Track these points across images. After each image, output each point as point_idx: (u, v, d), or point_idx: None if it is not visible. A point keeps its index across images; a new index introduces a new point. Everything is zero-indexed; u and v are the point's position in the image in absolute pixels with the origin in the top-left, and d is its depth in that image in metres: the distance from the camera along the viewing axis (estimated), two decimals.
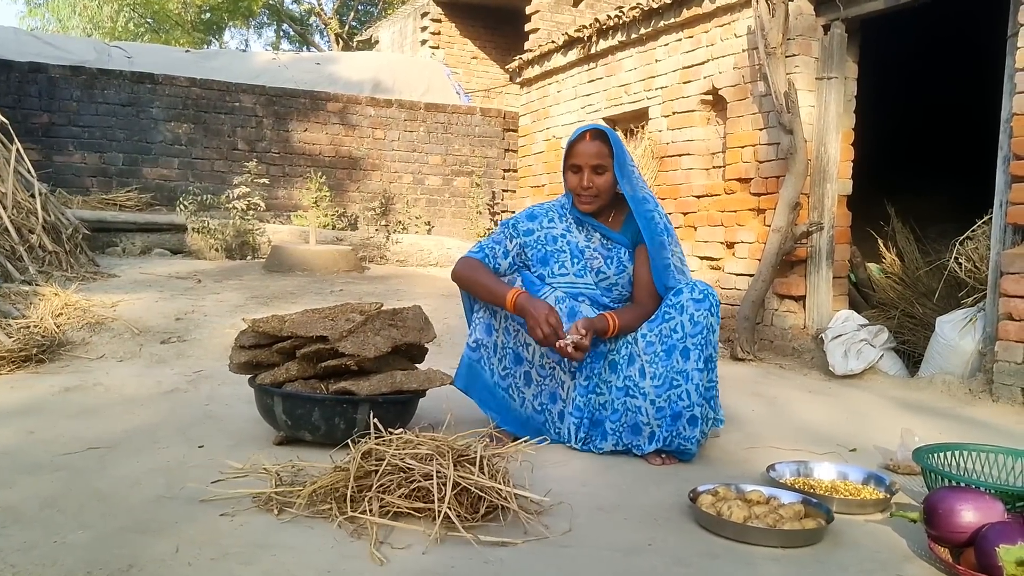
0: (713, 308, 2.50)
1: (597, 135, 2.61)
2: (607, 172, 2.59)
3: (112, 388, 3.33)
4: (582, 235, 2.70)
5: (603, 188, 2.60)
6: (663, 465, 2.50)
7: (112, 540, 1.75)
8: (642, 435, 2.53)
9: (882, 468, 2.59)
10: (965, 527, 1.76)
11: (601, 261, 2.68)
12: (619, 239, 2.68)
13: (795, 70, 4.81)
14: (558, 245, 2.69)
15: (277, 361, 2.56)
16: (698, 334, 2.48)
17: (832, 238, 4.83)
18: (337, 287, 5.50)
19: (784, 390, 3.88)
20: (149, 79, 8.50)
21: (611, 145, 2.60)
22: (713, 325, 2.50)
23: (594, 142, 2.58)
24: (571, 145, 2.63)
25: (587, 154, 2.58)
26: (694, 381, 2.47)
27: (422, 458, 1.91)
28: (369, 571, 1.65)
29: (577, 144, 2.61)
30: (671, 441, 2.48)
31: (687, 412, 2.47)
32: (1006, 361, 3.68)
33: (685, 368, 2.48)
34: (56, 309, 4.14)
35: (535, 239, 2.71)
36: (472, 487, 1.87)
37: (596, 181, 2.59)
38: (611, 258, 2.68)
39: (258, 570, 1.64)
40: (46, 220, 5.40)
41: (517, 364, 2.68)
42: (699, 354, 2.48)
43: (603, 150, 2.58)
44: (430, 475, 1.86)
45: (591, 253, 2.69)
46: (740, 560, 1.79)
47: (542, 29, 9.08)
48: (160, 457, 2.39)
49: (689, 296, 2.51)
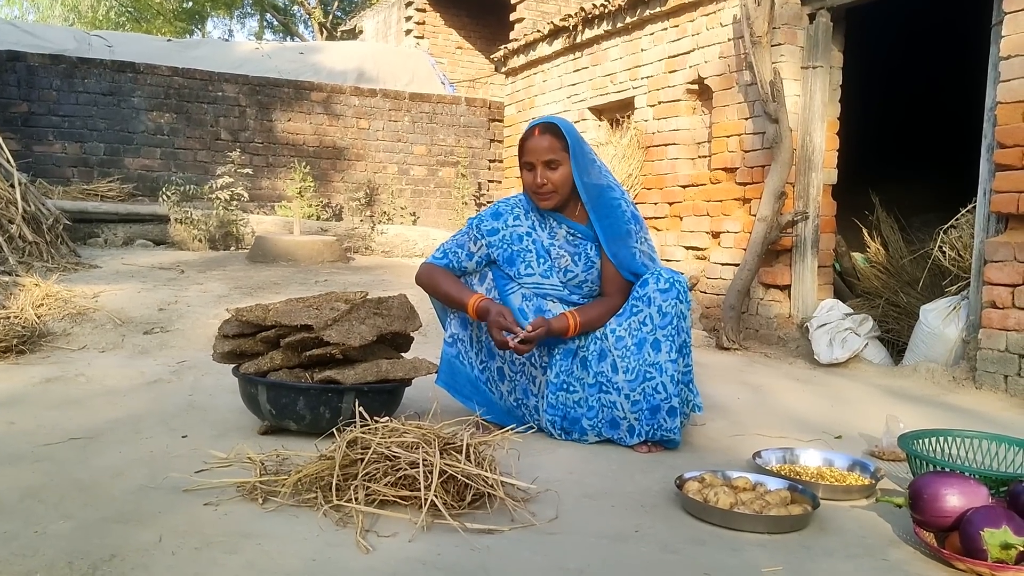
0: (681, 295, 2.47)
1: (547, 129, 2.49)
2: (561, 166, 2.48)
3: (94, 379, 3.29)
4: (545, 232, 2.61)
5: (559, 183, 2.49)
6: (648, 453, 2.49)
7: (94, 530, 1.73)
8: (621, 429, 2.52)
9: (867, 455, 2.60)
10: (950, 511, 1.76)
11: (568, 259, 2.59)
12: (585, 233, 2.59)
13: (780, 59, 4.81)
14: (524, 244, 2.61)
15: (261, 350, 2.53)
16: (668, 324, 2.45)
17: (817, 227, 4.84)
18: (322, 277, 5.46)
19: (769, 378, 3.89)
20: (130, 68, 8.40)
21: (564, 138, 2.49)
22: (683, 312, 2.47)
23: (544, 136, 2.48)
24: (522, 142, 2.53)
25: (538, 150, 2.47)
26: (668, 372, 2.45)
27: (408, 446, 1.90)
28: (355, 560, 1.64)
29: (527, 141, 2.51)
30: (653, 434, 2.48)
31: (665, 404, 2.45)
32: (989, 349, 3.70)
33: (657, 360, 2.46)
34: (37, 300, 4.09)
35: (500, 239, 2.62)
36: (459, 475, 1.86)
37: (551, 177, 2.48)
38: (579, 254, 2.59)
39: (242, 559, 1.62)
40: (26, 210, 5.33)
41: (491, 359, 2.66)
42: (671, 344, 2.45)
43: (555, 144, 2.48)
44: (416, 463, 1.85)
45: (557, 251, 2.60)
46: (727, 546, 1.79)
47: (527, 18, 9.04)
48: (143, 447, 2.37)
49: (655, 287, 2.47)
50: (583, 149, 2.55)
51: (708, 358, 4.33)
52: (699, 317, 5.27)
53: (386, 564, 1.62)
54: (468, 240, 2.65)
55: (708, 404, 3.23)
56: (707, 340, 4.84)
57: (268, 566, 1.59)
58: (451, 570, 1.61)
